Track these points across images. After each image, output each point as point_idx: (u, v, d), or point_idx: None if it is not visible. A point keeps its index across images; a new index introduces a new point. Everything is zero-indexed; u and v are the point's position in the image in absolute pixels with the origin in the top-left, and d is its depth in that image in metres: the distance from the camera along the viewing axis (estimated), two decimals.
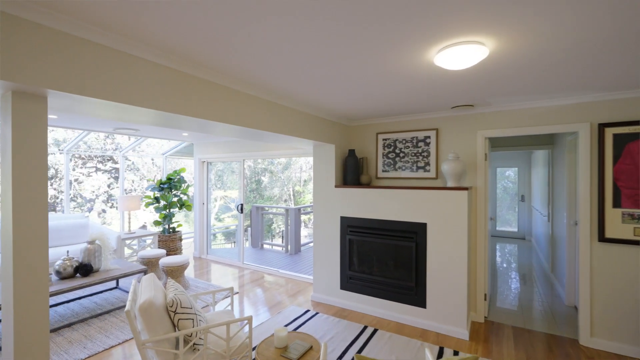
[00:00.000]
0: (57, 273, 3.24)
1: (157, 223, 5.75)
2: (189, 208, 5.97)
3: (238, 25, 1.53)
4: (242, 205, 5.54)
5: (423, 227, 3.18)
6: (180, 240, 5.77)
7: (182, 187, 5.95)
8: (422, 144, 3.63)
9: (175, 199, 5.89)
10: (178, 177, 5.93)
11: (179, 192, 5.96)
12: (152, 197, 5.81)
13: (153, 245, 5.31)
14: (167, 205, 5.74)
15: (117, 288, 4.15)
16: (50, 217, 4.89)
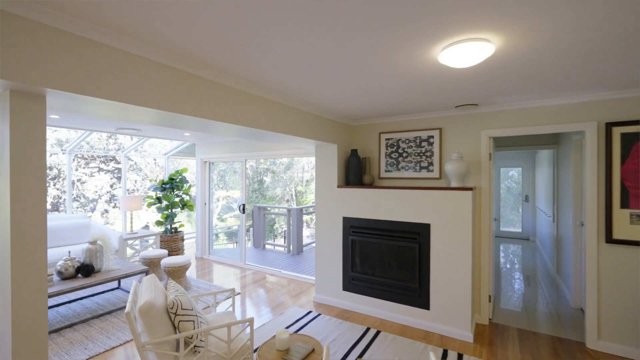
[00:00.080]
0: (58, 273, 3.23)
1: (159, 223, 5.74)
2: (191, 208, 5.96)
3: (240, 25, 1.51)
4: (244, 206, 5.53)
5: (426, 227, 3.14)
6: (182, 241, 5.76)
7: (184, 187, 5.94)
8: (425, 144, 3.59)
9: (177, 199, 5.89)
10: (180, 177, 5.92)
11: (181, 192, 5.95)
12: (154, 197, 5.81)
13: (155, 246, 5.30)
14: (169, 206, 5.74)
15: (118, 288, 4.15)
16: (52, 217, 4.89)
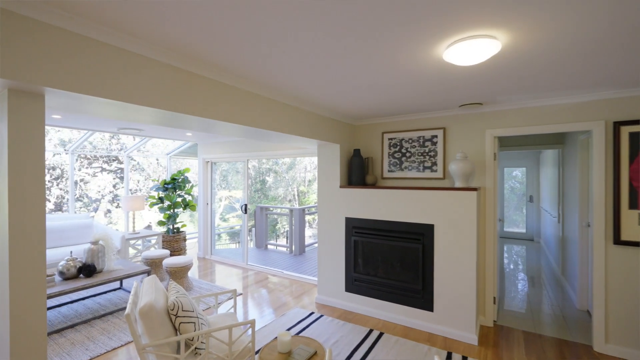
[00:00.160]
0: (60, 274, 3.23)
1: (161, 223, 5.74)
2: (193, 208, 5.95)
3: (243, 25, 1.48)
4: (246, 206, 5.51)
5: (430, 228, 3.10)
6: (185, 241, 5.75)
7: (186, 187, 5.94)
8: (429, 144, 3.55)
9: (180, 199, 5.88)
10: (182, 177, 5.91)
11: (183, 192, 5.95)
12: (156, 197, 5.80)
13: (157, 246, 5.29)
14: (171, 206, 5.73)
15: (120, 289, 4.14)
16: (55, 217, 4.89)
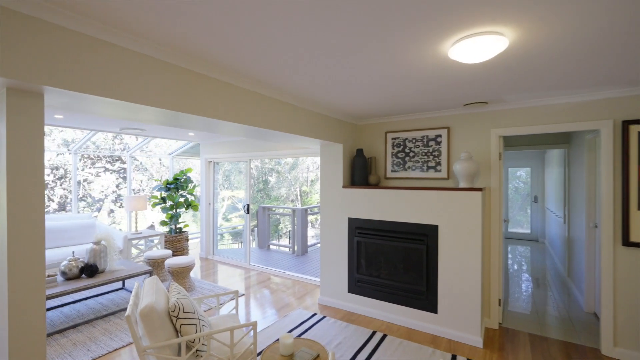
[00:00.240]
0: (62, 274, 3.22)
1: (163, 223, 5.73)
2: (195, 208, 5.94)
3: (245, 24, 1.45)
4: (248, 206, 5.49)
5: (434, 229, 3.06)
6: (187, 241, 5.74)
7: (188, 187, 5.93)
8: (432, 143, 3.51)
9: (182, 199, 5.87)
10: (185, 177, 5.91)
11: (186, 192, 5.94)
12: (158, 197, 5.80)
13: (160, 246, 5.28)
14: (173, 206, 5.72)
15: (123, 289, 4.13)
16: (57, 217, 4.90)
